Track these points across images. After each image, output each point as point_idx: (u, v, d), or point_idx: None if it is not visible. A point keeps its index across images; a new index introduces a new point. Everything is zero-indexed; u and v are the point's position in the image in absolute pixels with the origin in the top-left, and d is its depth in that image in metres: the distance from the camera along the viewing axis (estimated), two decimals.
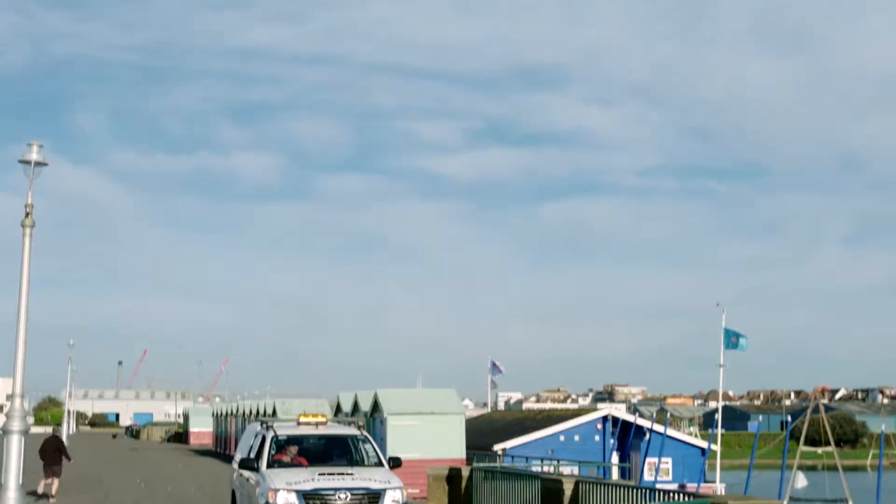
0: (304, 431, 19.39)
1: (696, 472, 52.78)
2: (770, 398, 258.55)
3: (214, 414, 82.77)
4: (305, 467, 18.13)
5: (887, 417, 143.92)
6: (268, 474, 17.77)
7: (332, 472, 17.74)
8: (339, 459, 19.03)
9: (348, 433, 19.91)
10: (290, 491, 16.82)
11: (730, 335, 55.09)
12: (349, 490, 16.98)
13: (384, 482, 17.51)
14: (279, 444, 18.91)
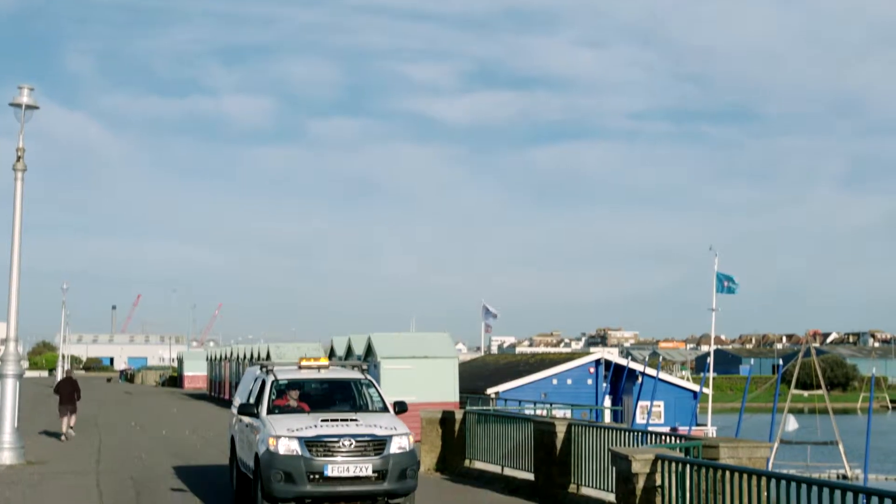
0: (306, 375, 18.48)
1: (687, 415, 53.11)
2: (762, 342, 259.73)
3: (208, 358, 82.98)
4: (307, 413, 17.20)
5: (878, 361, 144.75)
6: (268, 420, 16.78)
7: (335, 418, 16.77)
8: (341, 405, 18.19)
9: (351, 377, 18.92)
10: (291, 438, 15.89)
11: (722, 279, 55.25)
12: (353, 437, 16.02)
13: (390, 428, 16.50)
14: (280, 388, 18.03)
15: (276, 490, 15.75)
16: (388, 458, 16.04)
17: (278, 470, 15.70)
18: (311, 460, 15.75)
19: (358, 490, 15.94)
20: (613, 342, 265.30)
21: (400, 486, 16.18)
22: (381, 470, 15.96)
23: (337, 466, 15.77)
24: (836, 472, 48.61)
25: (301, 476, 15.68)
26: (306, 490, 15.73)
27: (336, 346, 47.97)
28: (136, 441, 33.54)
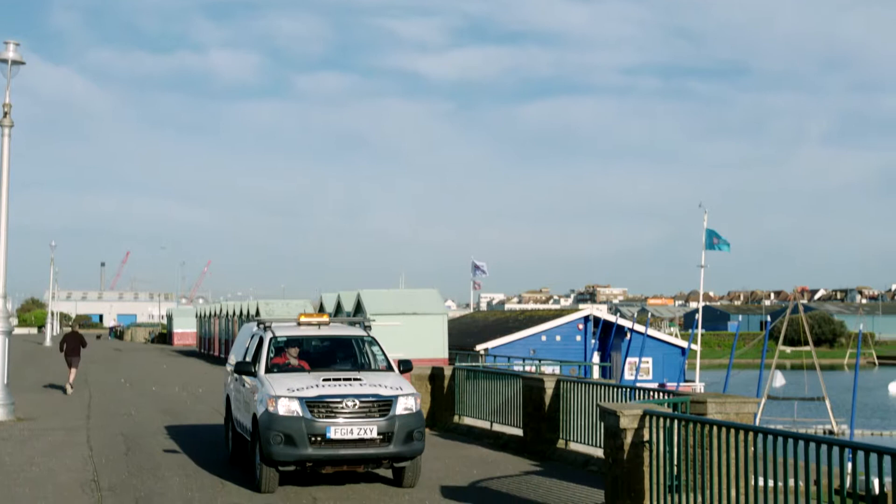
0: (306, 332, 17.58)
1: (676, 371, 53.41)
2: (750, 298, 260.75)
3: (198, 315, 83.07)
4: (308, 372, 16.34)
5: (865, 317, 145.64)
6: (267, 379, 15.90)
7: (337, 377, 15.85)
8: (343, 363, 17.40)
9: (353, 334, 17.95)
10: (291, 398, 15.02)
11: (711, 236, 55.34)
12: (357, 397, 15.10)
13: (395, 388, 15.57)
14: (278, 346, 17.18)
15: (276, 453, 14.88)
16: (393, 419, 15.19)
17: (278, 432, 14.84)
18: (313, 422, 14.90)
19: (362, 453, 15.08)
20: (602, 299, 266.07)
21: (406, 448, 15.27)
22: (386, 432, 15.09)
23: (340, 428, 14.92)
24: (823, 428, 48.97)
25: (302, 438, 14.82)
26: (307, 453, 14.86)
27: (325, 302, 48.02)
28: (125, 397, 33.60)
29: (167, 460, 18.98)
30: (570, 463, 18.42)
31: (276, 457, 14.89)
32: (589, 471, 17.42)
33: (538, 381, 20.05)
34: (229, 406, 18.87)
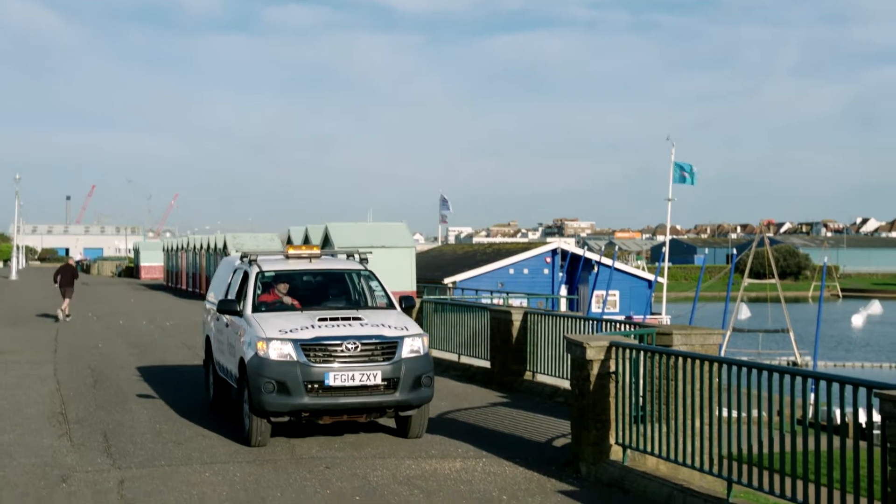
0: (295, 266, 15.92)
1: (642, 304, 53.78)
2: (717, 232, 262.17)
3: (165, 249, 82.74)
4: (299, 311, 14.73)
5: (830, 250, 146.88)
6: (255, 320, 14.31)
7: (335, 316, 14.27)
8: (337, 300, 15.70)
9: (349, 268, 16.23)
10: (284, 341, 13.54)
11: (679, 169, 55.46)
12: (358, 338, 13.58)
13: (400, 328, 14.09)
14: (265, 281, 15.55)
15: (268, 402, 13.39)
16: (399, 363, 13.70)
17: (269, 379, 13.36)
18: (309, 367, 13.40)
19: (365, 402, 13.54)
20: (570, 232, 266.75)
21: (414, 395, 13.78)
22: (391, 378, 13.60)
23: (340, 374, 13.41)
24: (787, 359, 49.53)
25: (297, 386, 13.34)
26: (303, 402, 13.37)
27: (293, 235, 47.91)
28: (93, 331, 33.51)
29: (144, 411, 18.97)
30: (537, 394, 18.57)
31: (269, 407, 13.41)
32: (556, 402, 17.57)
33: (506, 313, 20.14)
34: (209, 348, 17.38)
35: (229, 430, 14.87)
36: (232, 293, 16.09)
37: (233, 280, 16.56)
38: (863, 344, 71.77)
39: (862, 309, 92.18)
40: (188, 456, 13.29)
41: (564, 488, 11.37)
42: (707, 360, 10.55)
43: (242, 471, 12.39)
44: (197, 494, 11.23)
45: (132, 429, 15.26)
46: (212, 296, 17.89)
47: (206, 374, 17.70)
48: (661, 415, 11.21)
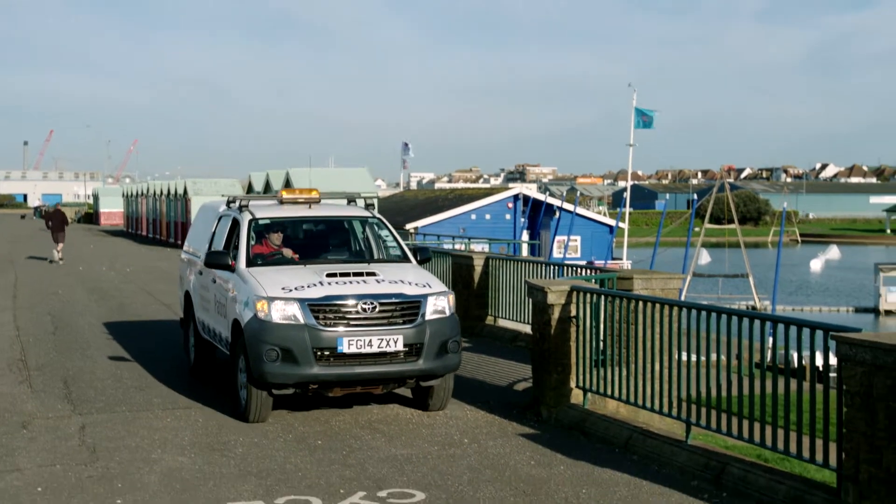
0: (294, 213, 13.95)
1: (603, 249, 53.97)
2: (678, 177, 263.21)
3: (125, 195, 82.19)
4: (300, 265, 12.84)
5: (789, 196, 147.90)
6: (251, 275, 12.38)
7: (345, 271, 12.40)
8: (339, 251, 13.94)
9: (354, 215, 14.34)
10: (289, 300, 11.68)
11: (640, 114, 55.51)
12: (375, 297, 11.76)
13: (422, 285, 12.25)
14: (258, 231, 13.57)
15: (271, 373, 11.56)
16: (423, 326, 11.91)
17: (272, 346, 11.52)
18: (320, 331, 11.58)
19: (384, 371, 11.76)
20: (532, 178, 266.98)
21: (439, 363, 12.01)
22: (414, 343, 11.82)
23: (356, 339, 11.59)
24: (746, 304, 49.95)
25: (305, 353, 11.52)
26: (313, 372, 11.57)
27: (254, 181, 47.69)
28: (52, 277, 33.28)
29: (97, 345, 18.89)
30: (498, 339, 18.65)
31: (271, 378, 11.59)
32: (517, 346, 17.66)
33: (467, 258, 20.17)
34: (189, 305, 15.47)
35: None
36: (218, 244, 14.15)
37: (217, 229, 14.61)
38: (821, 288, 72.52)
39: (820, 254, 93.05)
40: (149, 401, 13.27)
41: (526, 431, 11.45)
42: (667, 304, 10.63)
43: (205, 415, 12.38)
44: (159, 439, 11.23)
45: (93, 375, 15.21)
46: (191, 246, 15.99)
47: (185, 336, 15.83)
48: (622, 358, 11.30)
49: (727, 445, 10.58)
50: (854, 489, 7.83)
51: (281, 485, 9.45)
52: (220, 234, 14.36)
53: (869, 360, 7.65)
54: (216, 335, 13.72)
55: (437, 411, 12.57)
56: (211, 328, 14.01)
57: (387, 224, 14.18)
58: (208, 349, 14.89)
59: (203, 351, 14.97)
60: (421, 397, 12.78)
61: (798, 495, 8.54)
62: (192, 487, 9.40)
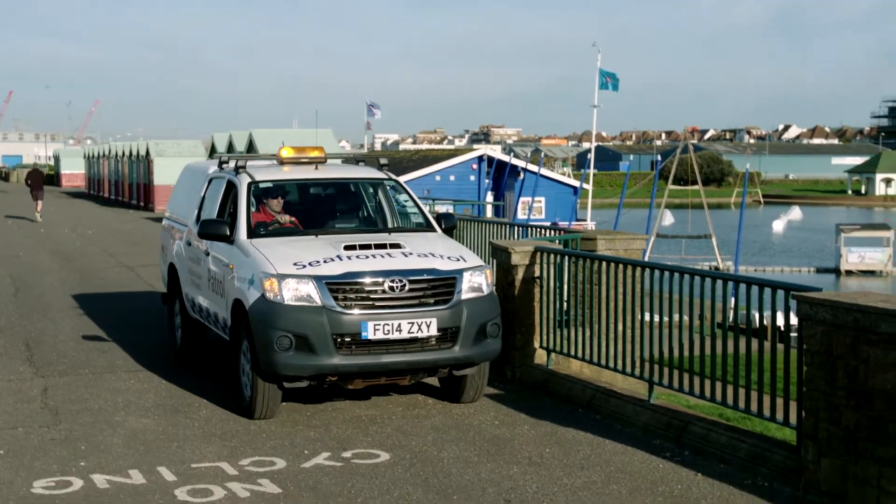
0: (299, 175, 12.28)
1: (568, 210, 54.04)
2: (642, 139, 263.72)
3: (86, 156, 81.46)
4: (311, 236, 11.18)
5: (752, 157, 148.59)
6: (255, 248, 10.73)
7: (365, 242, 10.70)
8: (350, 219, 12.33)
9: (369, 177, 12.58)
10: (303, 277, 10.04)
11: (604, 76, 55.49)
12: (403, 274, 10.16)
13: (455, 258, 10.68)
14: (257, 195, 11.83)
15: (282, 363, 9.93)
16: (459, 307, 10.34)
17: (284, 332, 9.88)
18: (340, 315, 9.95)
19: (415, 360, 10.19)
20: (496, 139, 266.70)
21: (477, 350, 10.44)
22: (449, 327, 10.24)
23: (382, 324, 10.01)
24: (709, 264, 50.25)
25: (324, 340, 9.90)
26: (332, 363, 9.95)
27: (217, 142, 47.38)
28: (13, 240, 33.00)
29: (59, 307, 18.78)
30: None
31: (283, 369, 9.98)
32: None
33: None
34: (175, 279, 13.73)
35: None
36: (210, 211, 12.42)
37: (207, 194, 12.85)
38: (783, 249, 73.14)
39: (783, 215, 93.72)
40: (112, 363, 13.21)
41: (490, 392, 11.49)
42: (630, 264, 10.67)
43: (169, 377, 12.34)
44: (122, 401, 11.19)
45: (55, 338, 15.12)
46: (174, 213, 14.28)
47: (171, 314, 14.10)
48: (585, 319, 11.35)
49: (689, 405, 10.67)
50: (813, 447, 7.92)
51: (245, 446, 9.45)
52: (212, 199, 12.58)
53: (829, 319, 7.72)
54: (211, 316, 11.97)
55: (470, 402, 10.98)
56: (203, 307, 12.26)
57: (405, 187, 12.68)
58: (198, 329, 13.22)
59: (192, 332, 13.29)
60: (451, 388, 11.13)
61: (758, 453, 8.64)
62: (156, 449, 9.38)
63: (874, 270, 59.45)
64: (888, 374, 7.25)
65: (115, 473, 8.67)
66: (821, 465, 7.86)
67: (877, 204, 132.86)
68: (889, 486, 7.25)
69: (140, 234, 36.29)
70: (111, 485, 8.38)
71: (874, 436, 7.37)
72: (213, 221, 11.53)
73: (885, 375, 7.27)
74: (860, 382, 7.47)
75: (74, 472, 8.72)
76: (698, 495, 8.06)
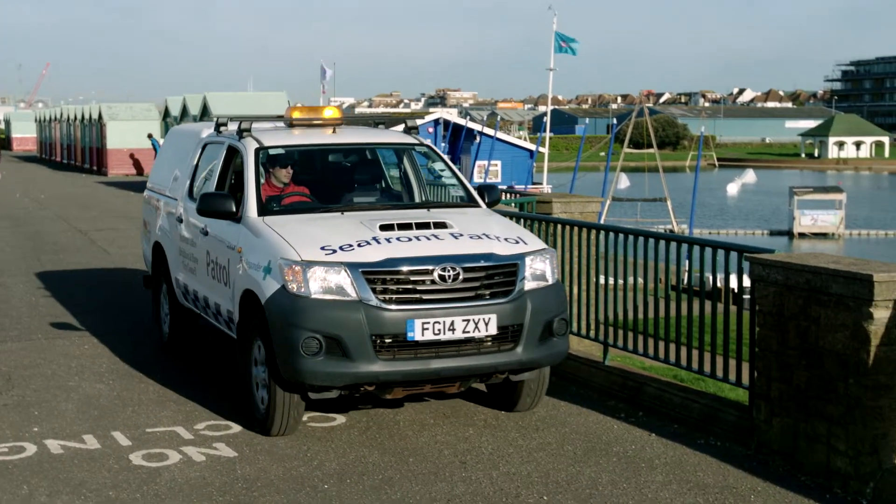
0: (315, 140, 10.38)
1: (524, 173, 54.15)
2: (597, 102, 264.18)
3: (38, 120, 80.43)
4: (336, 213, 9.29)
5: (707, 120, 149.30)
6: (270, 228, 8.87)
7: (404, 221, 8.83)
8: (371, 191, 10.45)
9: (396, 142, 10.80)
10: (334, 265, 8.19)
11: (561, 39, 55.41)
12: (456, 260, 8.34)
13: (513, 240, 8.84)
14: (263, 165, 9.88)
15: (310, 371, 8.09)
16: (522, 300, 8.52)
17: (313, 333, 8.05)
18: (381, 311, 8.13)
19: (471, 365, 8.37)
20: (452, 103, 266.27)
21: (543, 352, 8.64)
22: (510, 324, 8.45)
23: (432, 322, 8.19)
24: (664, 227, 50.53)
25: (362, 343, 8.08)
26: (373, 370, 8.12)
27: (171, 105, 46.94)
28: None
29: (10, 272, 18.60)
30: None
31: (312, 378, 8.15)
32: None
33: None
34: (161, 260, 11.79)
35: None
36: (207, 183, 10.61)
37: (201, 161, 11.09)
38: (737, 212, 73.66)
39: (737, 178, 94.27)
40: (66, 329, 13.11)
41: None
42: (586, 227, 10.71)
43: (124, 343, 12.26)
44: (76, 367, 11.12)
45: (7, 303, 14.98)
46: (159, 184, 12.35)
47: (156, 301, 12.25)
48: None
49: (644, 366, 10.75)
50: (765, 406, 8.02)
51: (201, 411, 9.42)
52: (208, 168, 10.76)
53: (781, 280, 7.79)
54: (210, 307, 10.16)
55: (524, 411, 9.31)
56: (200, 296, 10.43)
57: (440, 154, 10.77)
58: (189, 319, 11.46)
59: (182, 322, 11.53)
60: (504, 395, 9.36)
61: (711, 413, 8.73)
62: (110, 414, 9.34)
63: (826, 233, 60.04)
64: (838, 334, 7.34)
65: (69, 439, 8.63)
66: (772, 424, 7.96)
67: (830, 167, 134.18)
68: (838, 444, 7.36)
69: (93, 198, 35.97)
70: (65, 450, 8.34)
71: (824, 395, 7.47)
72: (215, 195, 9.57)
73: (835, 335, 7.36)
74: (811, 343, 7.56)
75: (28, 437, 8.66)
76: (652, 455, 8.14)
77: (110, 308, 14.50)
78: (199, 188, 10.73)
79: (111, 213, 29.76)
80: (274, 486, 7.52)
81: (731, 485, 7.52)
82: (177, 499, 7.30)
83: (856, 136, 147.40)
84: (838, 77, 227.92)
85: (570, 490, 7.45)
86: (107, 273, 17.85)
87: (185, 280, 10.93)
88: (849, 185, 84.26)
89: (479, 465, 7.95)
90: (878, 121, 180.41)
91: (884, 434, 7.22)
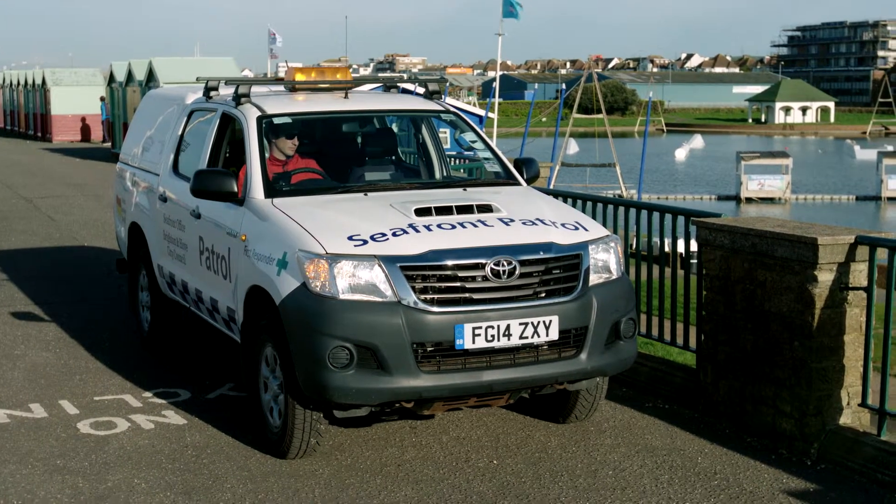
0: (325, 107, 8.88)
1: None
2: (547, 67, 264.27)
3: None
4: (358, 194, 7.86)
5: (655, 86, 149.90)
6: (282, 213, 7.44)
7: (442, 203, 7.42)
8: (382, 166, 9.00)
9: (417, 108, 9.33)
10: (364, 259, 6.80)
11: (508, 3, 55.28)
12: (511, 252, 6.93)
13: (571, 225, 7.47)
14: (268, 135, 8.40)
15: (338, 386, 6.69)
16: (587, 297, 7.16)
17: (342, 342, 6.65)
18: (424, 314, 6.72)
19: (529, 377, 6.99)
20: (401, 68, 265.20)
21: (610, 358, 7.29)
22: (573, 327, 7.08)
23: (485, 326, 6.79)
24: (613, 192, 50.75)
25: (402, 353, 6.69)
26: (414, 385, 6.74)
27: (115, 71, 46.28)
28: None
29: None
30: None
31: (341, 395, 6.74)
32: None
33: None
34: (140, 243, 10.36)
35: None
36: (194, 157, 9.08)
37: (187, 131, 9.59)
38: (685, 177, 74.16)
39: (685, 143, 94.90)
40: (11, 296, 12.95)
41: None
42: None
43: (70, 311, 12.14)
44: (22, 335, 11.00)
45: None
46: (134, 157, 10.83)
47: (132, 290, 10.86)
48: None
49: None
50: (712, 369, 8.10)
51: (149, 378, 9.37)
52: (197, 140, 9.23)
53: (727, 244, 7.86)
54: (204, 301, 8.71)
55: (576, 421, 8.09)
56: (191, 288, 8.97)
57: (470, 123, 9.11)
58: (173, 311, 10.09)
59: (165, 316, 10.12)
60: (556, 405, 8.08)
61: (659, 376, 8.82)
62: (58, 382, 9.26)
63: (773, 198, 60.64)
64: (783, 297, 7.42)
65: (15, 408, 8.55)
66: (719, 386, 8.05)
67: (776, 132, 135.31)
68: (783, 406, 7.46)
69: (38, 165, 35.51)
70: (12, 419, 8.27)
71: (770, 357, 7.56)
72: (213, 173, 8.07)
73: (780, 298, 7.45)
74: (757, 306, 7.64)
75: None
76: (600, 419, 8.20)
77: (56, 275, 14.35)
78: (188, 163, 9.24)
79: (56, 180, 29.42)
80: (224, 453, 7.50)
81: (679, 447, 7.61)
82: (125, 466, 7.26)
83: (802, 102, 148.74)
84: (784, 42, 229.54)
85: (520, 454, 7.49)
86: (52, 241, 17.66)
87: (170, 269, 9.48)
88: (795, 150, 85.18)
89: (429, 430, 7.97)
90: (823, 86, 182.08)
91: (828, 395, 7.32)
